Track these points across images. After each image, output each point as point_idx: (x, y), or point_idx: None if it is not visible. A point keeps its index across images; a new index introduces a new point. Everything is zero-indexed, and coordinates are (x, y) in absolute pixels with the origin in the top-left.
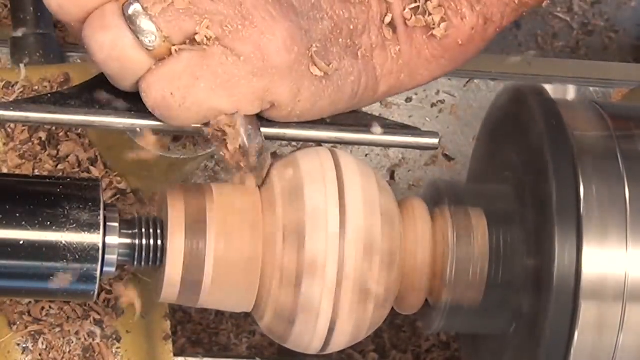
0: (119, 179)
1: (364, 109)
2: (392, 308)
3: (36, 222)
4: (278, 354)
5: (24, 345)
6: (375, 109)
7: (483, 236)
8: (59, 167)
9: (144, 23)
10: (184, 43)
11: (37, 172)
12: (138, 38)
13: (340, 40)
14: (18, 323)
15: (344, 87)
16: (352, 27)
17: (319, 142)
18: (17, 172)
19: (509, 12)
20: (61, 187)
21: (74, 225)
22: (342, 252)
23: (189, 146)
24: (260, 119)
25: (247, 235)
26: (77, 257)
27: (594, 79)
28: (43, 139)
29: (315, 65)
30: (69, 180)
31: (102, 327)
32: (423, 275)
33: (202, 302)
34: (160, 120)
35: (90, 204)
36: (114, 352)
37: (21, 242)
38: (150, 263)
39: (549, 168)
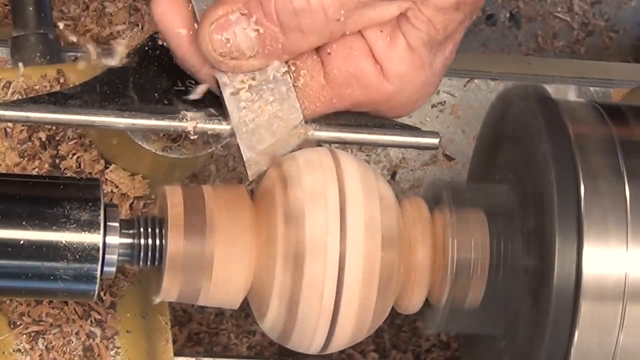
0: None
1: None
2: (392, 308)
3: (36, 222)
4: (278, 354)
5: (24, 346)
6: None
7: (483, 236)
8: (59, 167)
9: None
10: None
11: (36, 172)
12: None
13: None
14: (18, 323)
15: None
16: None
17: (319, 142)
18: (16, 170)
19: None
20: (61, 187)
21: (74, 225)
22: (343, 252)
23: (188, 146)
24: None
25: (246, 234)
26: (77, 257)
27: (594, 79)
28: (43, 139)
29: None
30: (69, 180)
31: (102, 327)
32: (423, 275)
33: (201, 301)
34: (159, 120)
35: (90, 203)
36: (114, 352)
37: (21, 242)
38: (151, 263)
39: (549, 168)
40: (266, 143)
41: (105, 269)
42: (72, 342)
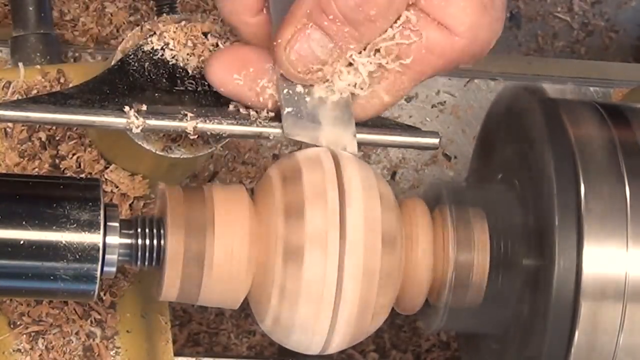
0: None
1: None
2: (392, 308)
3: (36, 222)
4: (278, 354)
5: (24, 346)
6: None
7: (483, 236)
8: (59, 167)
9: None
10: None
11: (36, 172)
12: None
13: None
14: (18, 323)
15: None
16: None
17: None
18: (16, 170)
19: None
20: (61, 187)
21: (74, 225)
22: (343, 252)
23: (188, 146)
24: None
25: (246, 235)
26: (77, 257)
27: (594, 79)
28: (43, 139)
29: None
30: (69, 180)
31: (102, 327)
32: (423, 275)
33: (201, 301)
34: (159, 120)
35: (90, 203)
36: (114, 352)
37: (21, 242)
38: (151, 263)
39: (549, 168)
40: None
41: (105, 269)
42: (72, 342)
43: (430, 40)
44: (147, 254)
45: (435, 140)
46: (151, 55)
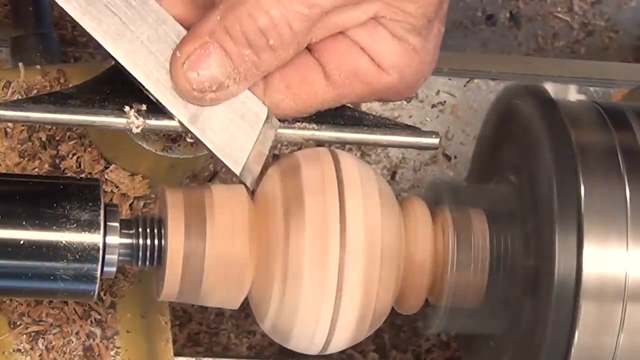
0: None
1: (364, 109)
2: (392, 308)
3: (36, 222)
4: (278, 354)
5: (24, 346)
6: (375, 109)
7: (483, 236)
8: (59, 167)
9: None
10: None
11: (36, 172)
12: None
13: None
14: (18, 323)
15: None
16: None
17: (319, 142)
18: (16, 170)
19: None
20: (61, 187)
21: (74, 225)
22: (343, 252)
23: (188, 146)
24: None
25: (246, 234)
26: (77, 257)
27: (594, 79)
28: (43, 139)
29: None
30: (69, 180)
31: (102, 327)
32: (423, 275)
33: (201, 301)
34: (159, 120)
35: (90, 203)
36: (114, 352)
37: (21, 242)
38: (150, 263)
39: (549, 168)
40: (248, 150)
41: (105, 269)
42: (72, 342)
43: (360, 68)
44: (147, 254)
45: (435, 140)
46: None
